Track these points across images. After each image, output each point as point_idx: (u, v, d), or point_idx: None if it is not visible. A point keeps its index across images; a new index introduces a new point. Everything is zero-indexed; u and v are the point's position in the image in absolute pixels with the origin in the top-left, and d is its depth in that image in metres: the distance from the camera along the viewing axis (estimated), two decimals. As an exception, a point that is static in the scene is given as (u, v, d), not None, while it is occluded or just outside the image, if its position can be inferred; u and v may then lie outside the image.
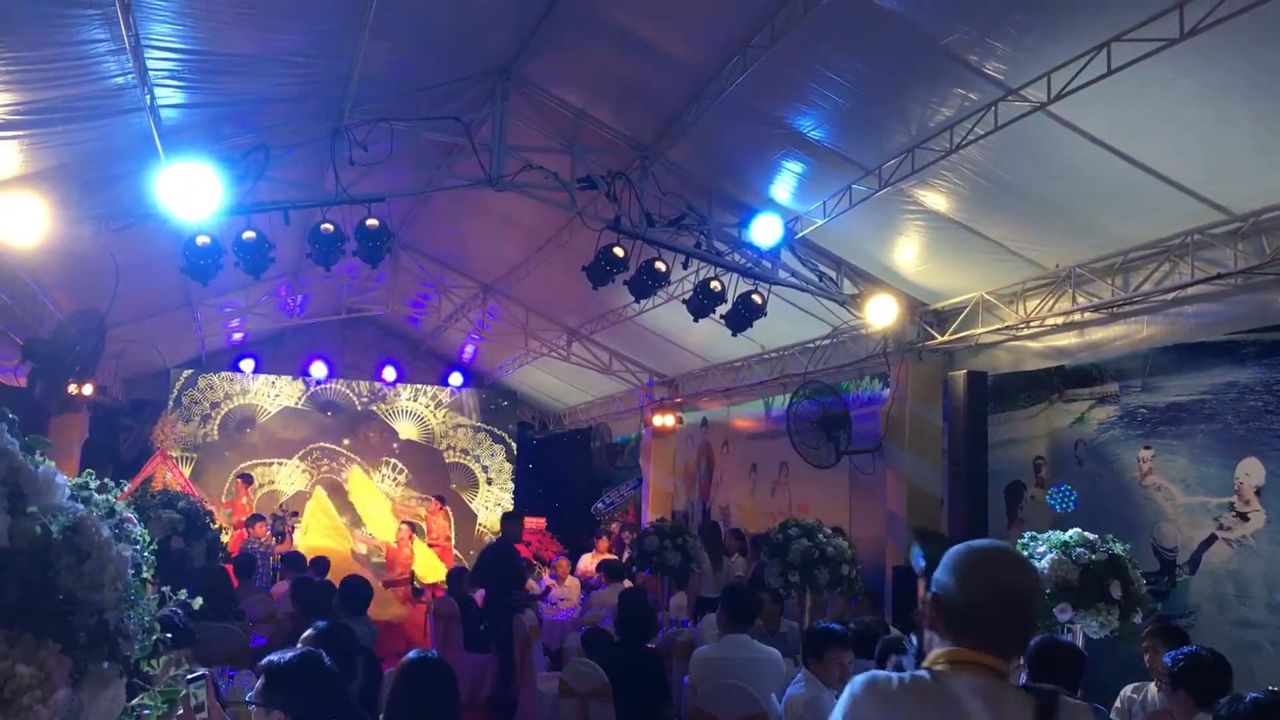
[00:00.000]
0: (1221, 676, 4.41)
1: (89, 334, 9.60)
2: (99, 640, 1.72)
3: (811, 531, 8.60)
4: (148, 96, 6.98)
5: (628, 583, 11.54)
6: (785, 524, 8.83)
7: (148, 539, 2.05)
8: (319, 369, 17.82)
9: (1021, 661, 4.66)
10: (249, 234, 8.30)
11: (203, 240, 8.26)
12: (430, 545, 15.79)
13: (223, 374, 17.63)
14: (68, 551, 1.70)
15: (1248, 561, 7.00)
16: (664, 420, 15.59)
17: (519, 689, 9.69)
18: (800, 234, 9.30)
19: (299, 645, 4.16)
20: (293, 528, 14.69)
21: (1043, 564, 5.71)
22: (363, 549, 15.87)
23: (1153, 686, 5.45)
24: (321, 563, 11.18)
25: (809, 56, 6.92)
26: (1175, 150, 6.27)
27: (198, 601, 2.11)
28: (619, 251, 9.23)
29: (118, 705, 1.77)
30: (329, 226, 8.56)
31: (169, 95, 7.34)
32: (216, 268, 8.35)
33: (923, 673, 2.25)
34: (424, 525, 16.60)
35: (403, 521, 15.55)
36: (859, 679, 2.29)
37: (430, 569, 14.66)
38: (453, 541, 17.50)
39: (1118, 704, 5.51)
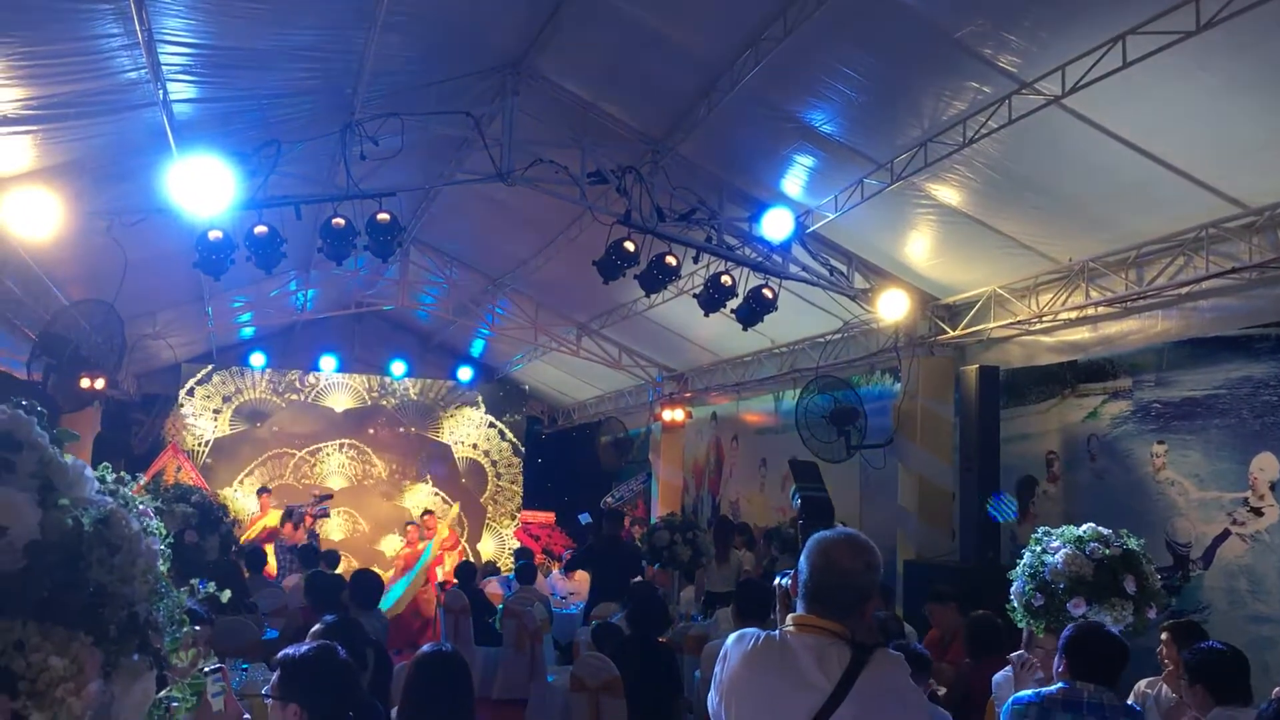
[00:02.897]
0: (1239, 671, 4.39)
1: (106, 328, 9.62)
2: (129, 633, 1.72)
3: (823, 526, 8.59)
4: (160, 91, 7.00)
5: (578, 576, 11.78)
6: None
7: (164, 532, 2.06)
8: (329, 363, 17.85)
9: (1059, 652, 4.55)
10: (261, 228, 8.31)
11: (215, 235, 8.27)
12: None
13: (233, 368, 17.66)
14: (99, 545, 1.70)
15: (1262, 556, 6.98)
16: (673, 415, 15.58)
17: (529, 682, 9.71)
18: (811, 228, 9.28)
19: (309, 639, 4.17)
20: (323, 511, 14.48)
21: (1056, 558, 5.68)
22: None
23: (1164, 683, 5.44)
24: (333, 556, 11.20)
25: (821, 49, 6.90)
26: (1190, 144, 6.25)
27: (226, 594, 2.12)
28: (629, 246, 9.22)
29: (148, 697, 1.78)
30: (340, 221, 8.57)
31: (181, 90, 7.35)
32: (229, 262, 8.36)
33: (775, 633, 2.83)
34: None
35: (406, 523, 15.60)
36: (733, 635, 2.91)
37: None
38: (463, 537, 17.45)
39: (1132, 699, 5.49)
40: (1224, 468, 7.32)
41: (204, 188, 7.46)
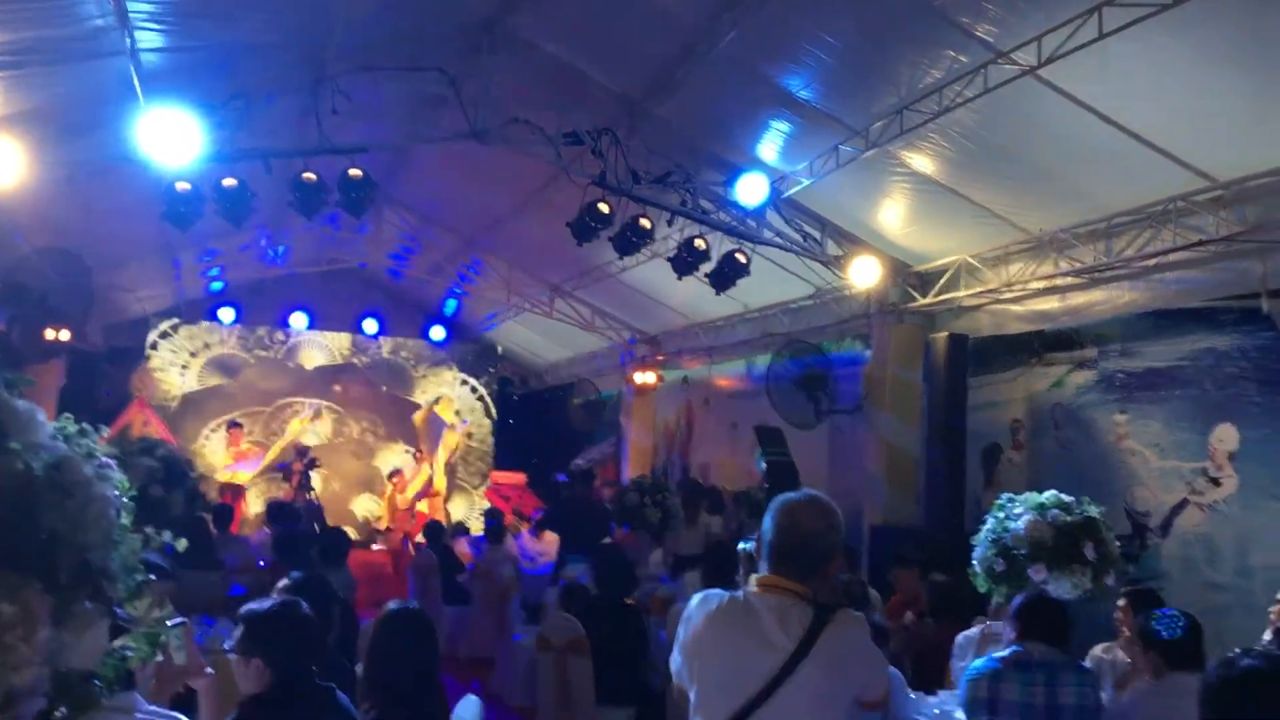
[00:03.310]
0: (1192, 638, 4.46)
1: (71, 278, 9.51)
2: (82, 580, 1.71)
3: (791, 490, 8.64)
4: (128, 39, 6.87)
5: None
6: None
7: (126, 485, 2.04)
8: (299, 320, 17.69)
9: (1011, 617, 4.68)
10: (230, 181, 8.23)
11: (183, 187, 8.19)
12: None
13: (202, 323, 17.48)
14: (51, 489, 1.69)
15: (1219, 526, 7.10)
16: (645, 378, 15.58)
17: (496, 642, 9.77)
18: (786, 194, 9.27)
19: (275, 594, 4.17)
20: (312, 461, 14.39)
21: (1019, 525, 5.76)
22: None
23: (1119, 648, 5.53)
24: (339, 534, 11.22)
25: (800, 15, 6.87)
26: (1162, 116, 6.27)
27: (181, 543, 2.11)
28: (604, 208, 9.19)
29: (101, 645, 1.77)
30: (311, 176, 8.49)
31: (149, 39, 7.22)
32: (197, 215, 8.28)
33: (739, 593, 2.86)
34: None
35: (390, 472, 15.64)
36: (697, 596, 2.95)
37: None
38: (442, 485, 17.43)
39: (1087, 662, 5.58)
40: (1184, 438, 7.42)
41: (172, 139, 7.35)
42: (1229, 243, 6.49)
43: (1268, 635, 4.64)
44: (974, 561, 6.01)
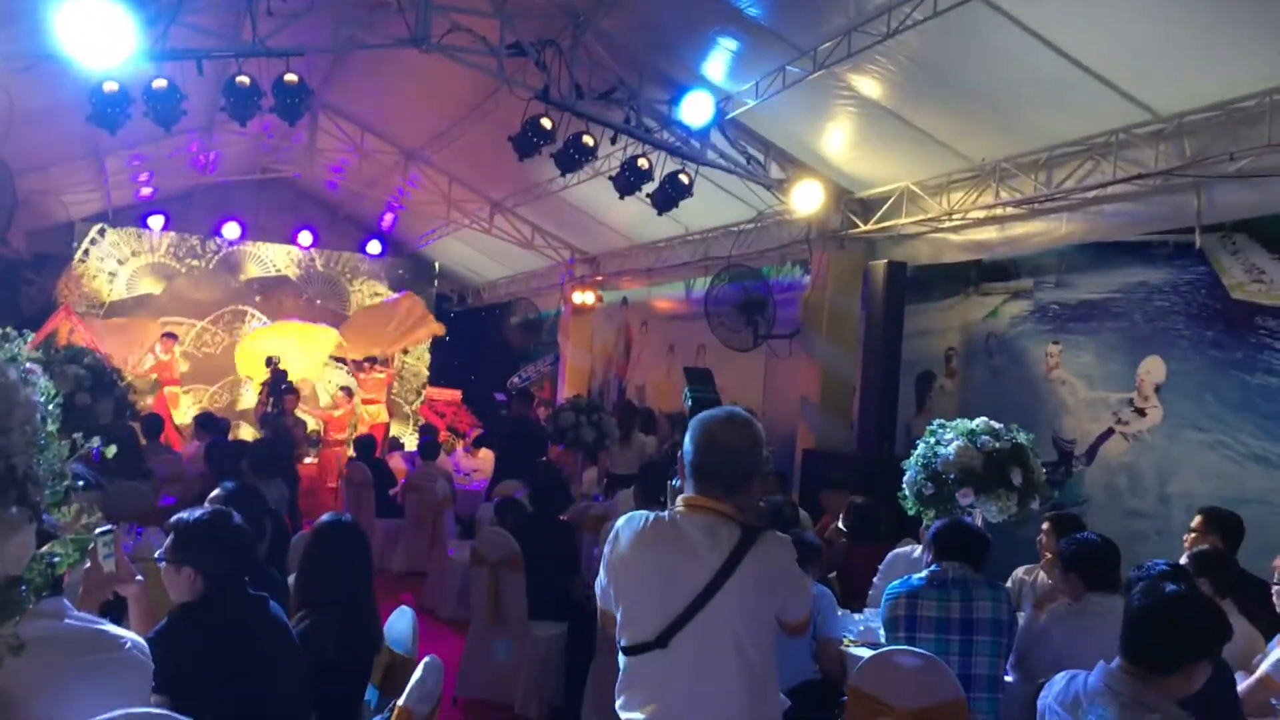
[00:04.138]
0: (1110, 561, 4.62)
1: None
2: (7, 485, 1.66)
3: (727, 412, 8.70)
4: (52, -73, 6.55)
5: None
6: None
7: (53, 393, 1.98)
8: (232, 229, 17.32)
9: (928, 542, 4.85)
10: (160, 82, 7.95)
11: (110, 87, 7.89)
12: (365, 402, 15.79)
13: (130, 229, 17.03)
14: (-28, 392, 1.63)
15: (1142, 455, 7.29)
16: (584, 298, 15.53)
17: (430, 556, 9.80)
18: (731, 114, 9.19)
19: (208, 504, 4.13)
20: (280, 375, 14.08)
21: (949, 450, 5.87)
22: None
23: (1041, 569, 5.71)
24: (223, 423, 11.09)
25: (751, -72, 6.74)
26: (1108, 47, 6.28)
27: (111, 449, 2.06)
28: (546, 123, 9.05)
29: (26, 551, 1.73)
30: (245, 80, 8.23)
31: (75, -73, 6.89)
32: (125, 117, 8.00)
33: (665, 514, 2.86)
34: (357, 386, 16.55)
35: (340, 388, 15.49)
36: (623, 517, 2.94)
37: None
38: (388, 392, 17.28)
39: (1009, 584, 5.75)
40: (1113, 369, 7.59)
41: (99, 35, 7.04)
42: (1166, 177, 6.56)
43: (1183, 560, 4.80)
44: (904, 485, 6.12)
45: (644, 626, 2.77)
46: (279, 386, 13.46)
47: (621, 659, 2.84)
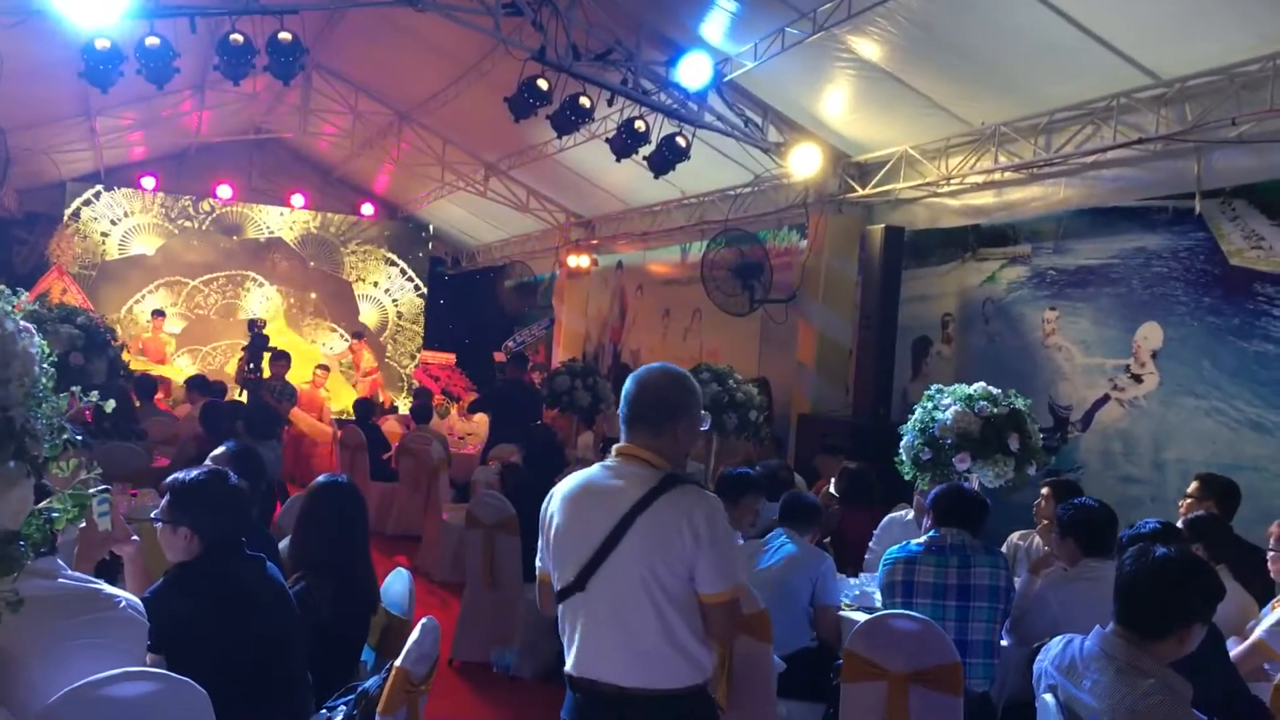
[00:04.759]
0: (1106, 527, 4.63)
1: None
2: (5, 438, 1.64)
3: (722, 377, 8.70)
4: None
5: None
6: (697, 368, 8.90)
7: (47, 351, 1.95)
8: (225, 191, 17.22)
9: (927, 508, 4.85)
10: (153, 40, 7.87)
11: (102, 44, 7.81)
12: (365, 377, 15.73)
13: (123, 190, 16.91)
14: (-32, 345, 1.60)
15: (1137, 421, 7.30)
16: (579, 261, 15.48)
17: (424, 519, 9.81)
18: (729, 76, 9.10)
19: (210, 463, 4.11)
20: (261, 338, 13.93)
21: (946, 415, 5.87)
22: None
23: (1037, 534, 5.73)
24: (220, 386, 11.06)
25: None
26: (1110, 10, 6.22)
27: (110, 404, 2.03)
28: (543, 84, 8.98)
29: (25, 505, 1.71)
30: (238, 37, 8.15)
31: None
32: (117, 74, 7.93)
33: (597, 465, 2.90)
34: (351, 359, 16.48)
35: (317, 366, 15.37)
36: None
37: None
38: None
39: (1004, 549, 5.77)
40: (1110, 335, 7.58)
41: (91, -9, 6.97)
42: (1166, 142, 6.53)
43: (1179, 525, 4.81)
44: (900, 450, 6.13)
45: (567, 572, 2.80)
46: (258, 348, 13.33)
47: (558, 607, 2.87)
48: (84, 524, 3.26)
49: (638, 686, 2.69)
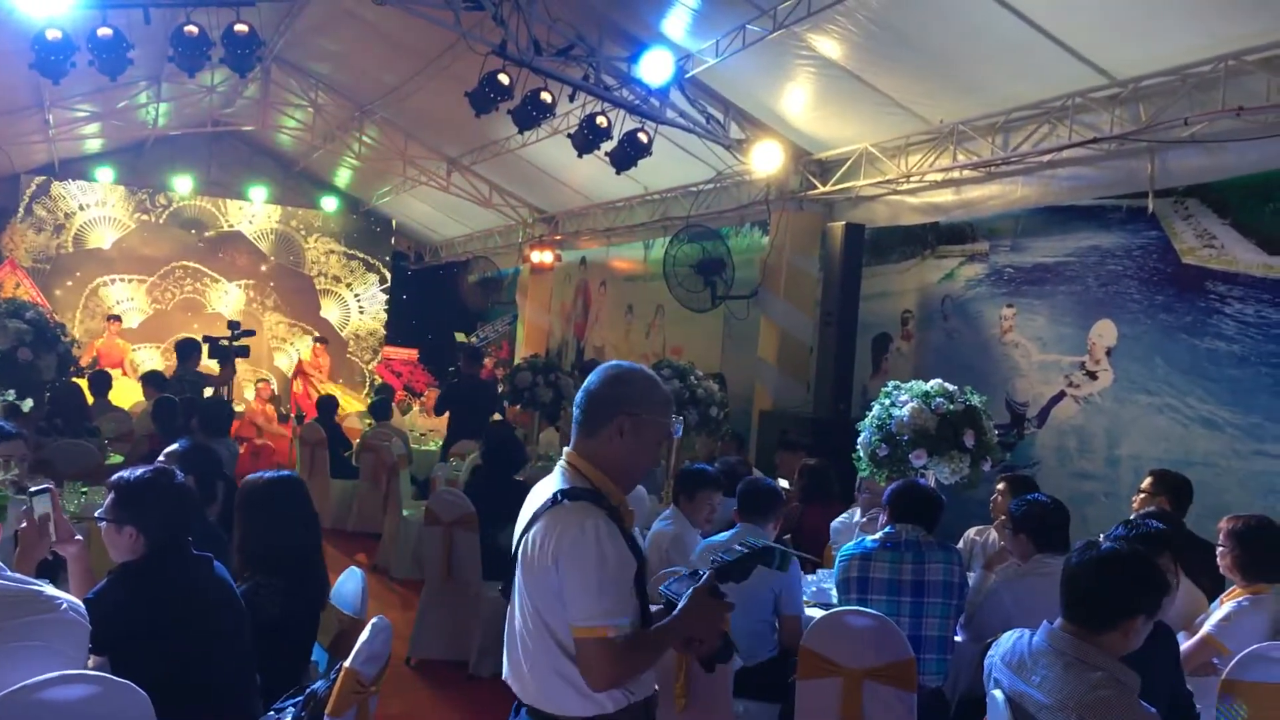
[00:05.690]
0: (1059, 523, 4.66)
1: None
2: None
3: (683, 374, 8.71)
4: None
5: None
6: (658, 365, 8.91)
7: (-9, 345, 1.91)
8: (183, 184, 17.02)
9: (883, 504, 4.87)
10: (105, 31, 7.75)
11: (53, 34, 7.69)
12: (321, 383, 15.59)
13: (78, 183, 16.67)
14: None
15: (1092, 418, 7.37)
16: (542, 257, 15.44)
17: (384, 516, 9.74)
18: (691, 73, 9.10)
19: (164, 460, 4.05)
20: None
21: (903, 412, 5.90)
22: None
23: (994, 530, 5.77)
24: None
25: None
26: (1066, 10, 6.27)
27: (27, 403, 1.99)
28: (504, 79, 8.92)
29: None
30: (193, 29, 8.06)
31: None
32: (69, 65, 7.80)
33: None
34: (311, 365, 16.28)
35: (258, 380, 15.20)
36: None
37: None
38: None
39: (960, 544, 5.81)
40: (1066, 332, 7.65)
41: (40, -20, 6.86)
42: (1121, 141, 6.59)
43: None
44: (858, 446, 6.15)
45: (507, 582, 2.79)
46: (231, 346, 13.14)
47: None
48: (23, 524, 3.22)
49: (531, 705, 2.61)
